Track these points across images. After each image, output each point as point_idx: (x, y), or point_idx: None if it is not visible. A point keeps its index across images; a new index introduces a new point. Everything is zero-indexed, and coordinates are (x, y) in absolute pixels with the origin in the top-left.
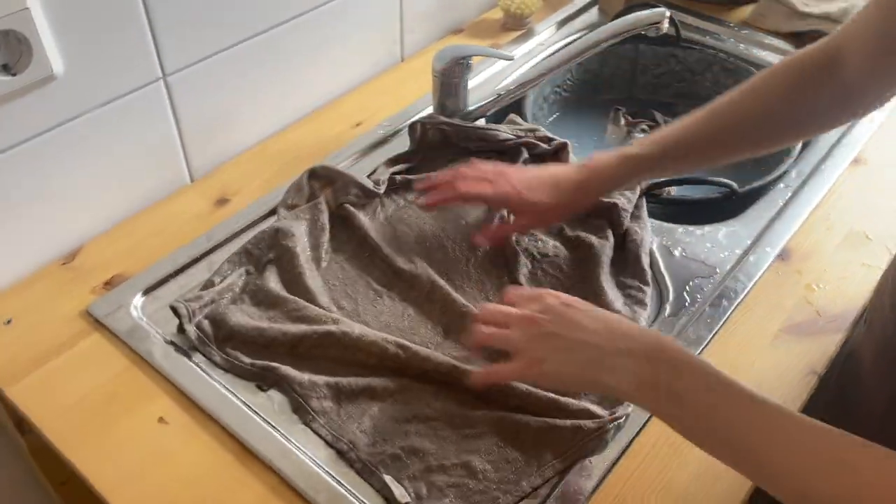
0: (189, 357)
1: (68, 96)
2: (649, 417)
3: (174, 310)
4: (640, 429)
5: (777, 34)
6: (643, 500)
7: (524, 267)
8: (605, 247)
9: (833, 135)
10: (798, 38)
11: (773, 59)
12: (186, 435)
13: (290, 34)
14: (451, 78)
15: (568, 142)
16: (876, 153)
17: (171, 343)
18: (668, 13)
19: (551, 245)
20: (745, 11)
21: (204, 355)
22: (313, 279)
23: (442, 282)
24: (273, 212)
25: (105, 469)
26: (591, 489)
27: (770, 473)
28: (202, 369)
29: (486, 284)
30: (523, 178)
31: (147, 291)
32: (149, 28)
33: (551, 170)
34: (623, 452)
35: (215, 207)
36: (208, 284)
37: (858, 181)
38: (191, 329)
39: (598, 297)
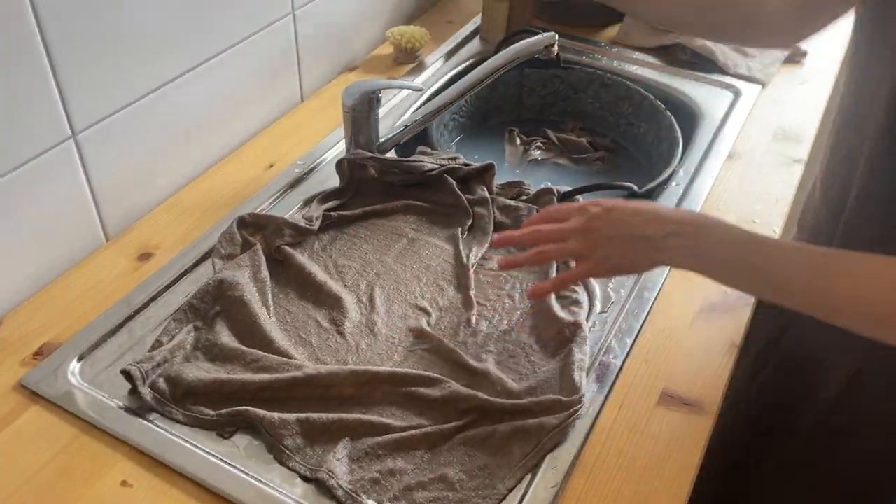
0: (145, 418)
1: None
2: (603, 403)
3: (127, 374)
4: (597, 414)
5: (643, 49)
6: (611, 478)
7: (473, 283)
8: (553, 262)
9: (707, 134)
10: (665, 51)
11: (644, 73)
12: (155, 494)
13: (193, 83)
14: (361, 112)
15: (493, 163)
16: (745, 147)
17: (124, 407)
18: (556, 36)
19: (495, 262)
20: (613, 31)
21: (163, 415)
22: (269, 324)
23: (396, 306)
24: (199, 262)
25: None
26: (561, 479)
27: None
28: (159, 426)
29: (440, 301)
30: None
31: (82, 357)
32: (56, 87)
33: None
34: (585, 439)
35: (139, 263)
36: (157, 345)
37: (736, 173)
38: (145, 391)
39: (544, 303)
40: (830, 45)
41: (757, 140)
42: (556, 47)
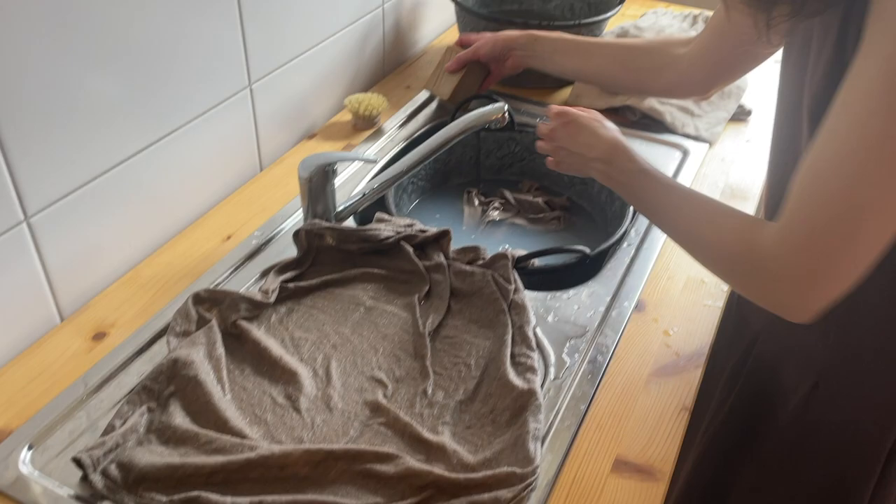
0: None
1: None
2: (558, 472)
3: (78, 462)
4: (552, 484)
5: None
6: None
7: (430, 354)
8: (508, 328)
9: None
10: (615, 113)
11: None
12: None
13: (150, 158)
14: (318, 184)
15: (450, 229)
16: None
17: (76, 496)
18: (506, 106)
19: (454, 330)
20: (565, 93)
21: (115, 502)
22: (223, 402)
23: (352, 379)
24: (155, 339)
25: None
26: None
27: (667, 226)
28: None
29: (396, 372)
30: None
31: (33, 444)
32: (6, 169)
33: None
34: None
35: (93, 343)
36: (109, 429)
37: None
38: (97, 479)
39: (499, 371)
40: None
41: None
42: (505, 116)
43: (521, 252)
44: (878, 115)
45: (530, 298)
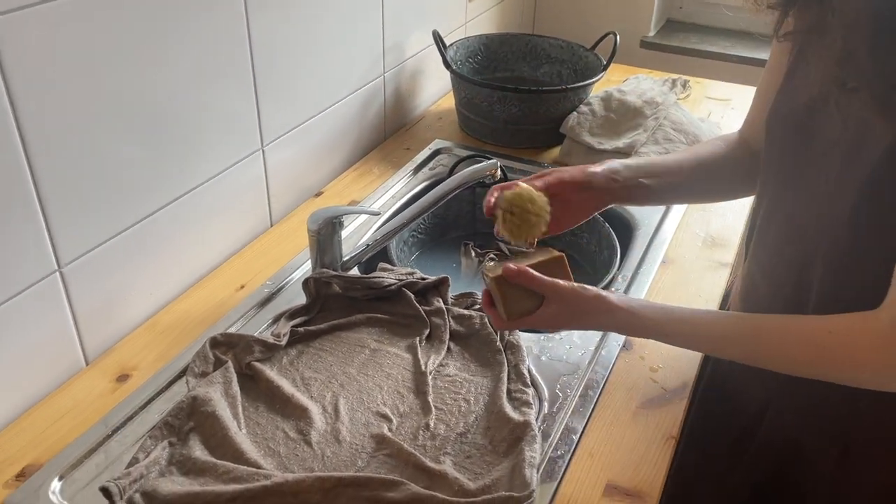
0: None
1: None
2: (553, 496)
3: (105, 490)
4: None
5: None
6: None
7: (432, 391)
8: (504, 366)
9: (643, 243)
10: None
11: None
12: None
13: (171, 214)
14: (326, 236)
15: (448, 276)
16: (677, 254)
17: None
18: (498, 163)
19: (453, 370)
20: (555, 152)
21: None
22: (239, 436)
23: (359, 414)
24: (174, 380)
25: None
26: None
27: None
28: None
29: (400, 408)
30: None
31: (63, 476)
32: (45, 224)
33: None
34: None
35: (117, 384)
36: (133, 461)
37: (670, 277)
38: None
39: (497, 405)
40: None
41: (688, 247)
42: (498, 172)
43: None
44: None
45: (524, 339)
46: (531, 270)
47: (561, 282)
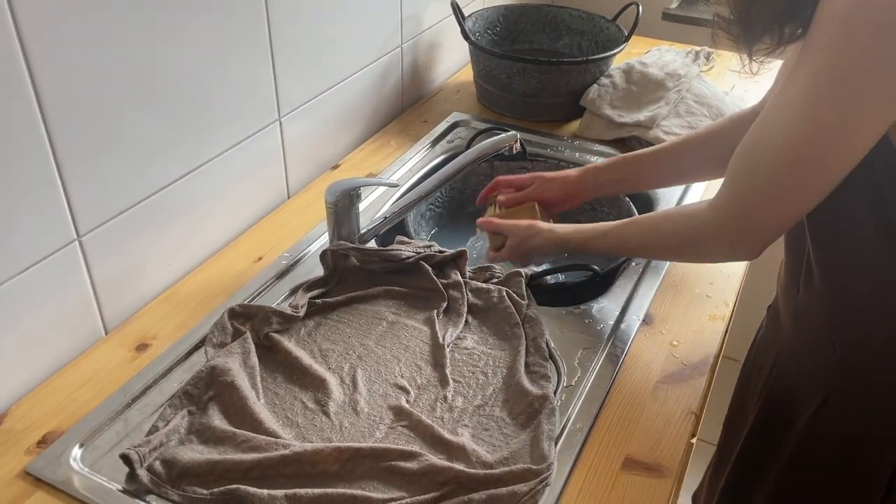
0: (143, 499)
1: None
2: (571, 469)
3: (125, 458)
4: (566, 480)
5: (602, 142)
6: None
7: (449, 363)
8: (522, 340)
9: None
10: (622, 143)
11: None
12: None
13: (189, 185)
14: (343, 208)
15: (466, 250)
16: None
17: (123, 490)
18: (518, 135)
19: (471, 343)
20: (574, 125)
21: (159, 496)
22: (257, 406)
23: (377, 386)
24: (193, 350)
25: None
26: None
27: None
28: None
29: (418, 380)
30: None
31: (83, 443)
32: (63, 193)
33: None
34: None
35: (136, 353)
36: (153, 430)
37: None
38: (143, 473)
39: (515, 378)
40: None
41: None
42: (518, 144)
43: (534, 270)
44: (800, 94)
45: (543, 313)
46: (494, 219)
47: (512, 221)
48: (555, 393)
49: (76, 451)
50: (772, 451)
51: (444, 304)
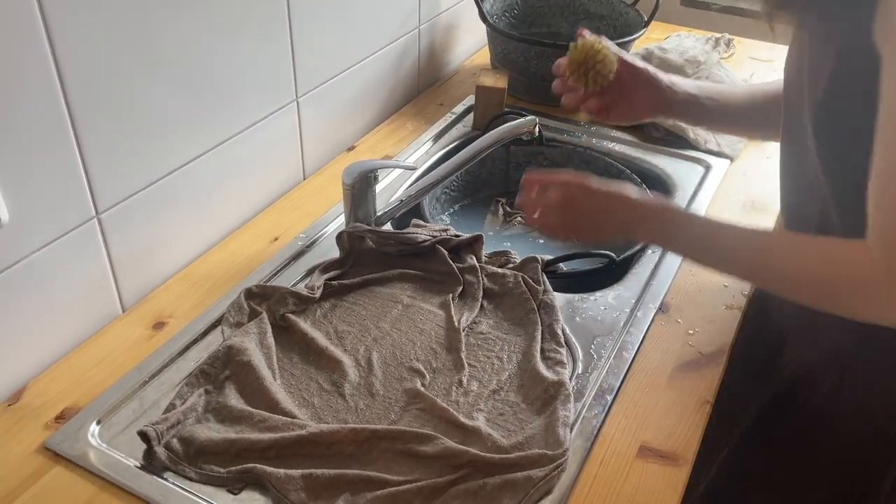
0: (160, 476)
1: (12, 243)
2: (586, 456)
3: (143, 434)
4: (581, 466)
5: (619, 128)
6: None
7: (465, 348)
8: (538, 325)
9: (681, 205)
10: (639, 129)
11: (621, 149)
12: None
13: (206, 164)
14: (360, 190)
15: (482, 234)
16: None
17: (140, 466)
18: (537, 120)
19: (486, 327)
20: None
21: (176, 473)
22: (274, 387)
23: (392, 368)
24: (209, 329)
25: None
26: None
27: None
28: (173, 483)
29: (433, 363)
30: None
31: (101, 420)
32: (83, 170)
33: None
34: (570, 490)
35: (153, 332)
36: (170, 408)
37: None
38: (160, 450)
39: (530, 364)
40: None
41: (727, 210)
42: (536, 129)
43: (550, 256)
44: None
45: (558, 300)
46: (538, 176)
47: (563, 177)
48: (570, 379)
49: (94, 428)
50: (782, 429)
51: (460, 289)
